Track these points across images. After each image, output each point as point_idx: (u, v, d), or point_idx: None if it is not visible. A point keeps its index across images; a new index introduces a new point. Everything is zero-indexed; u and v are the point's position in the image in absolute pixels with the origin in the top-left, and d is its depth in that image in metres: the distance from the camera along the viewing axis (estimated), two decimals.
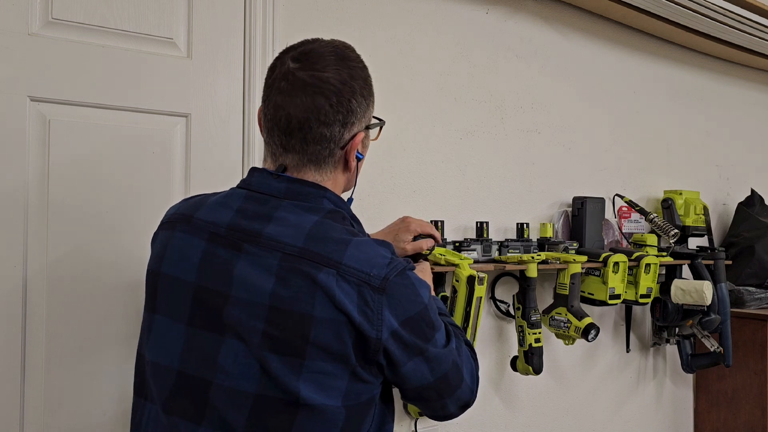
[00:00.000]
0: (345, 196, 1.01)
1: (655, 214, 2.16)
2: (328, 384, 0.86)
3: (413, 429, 1.74)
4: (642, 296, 2.01)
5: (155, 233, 1.00)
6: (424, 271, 1.27)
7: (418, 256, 1.35)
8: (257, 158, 1.49)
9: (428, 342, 0.91)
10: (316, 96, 0.89)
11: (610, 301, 1.92)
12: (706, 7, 2.12)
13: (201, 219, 0.93)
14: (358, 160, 0.98)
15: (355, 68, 0.94)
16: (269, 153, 0.96)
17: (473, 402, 1.01)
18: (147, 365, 0.95)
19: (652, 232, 2.21)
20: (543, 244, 1.88)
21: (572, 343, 1.88)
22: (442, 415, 1.00)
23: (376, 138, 1.03)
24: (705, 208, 2.33)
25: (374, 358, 0.87)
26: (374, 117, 1.01)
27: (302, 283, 0.85)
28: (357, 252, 0.87)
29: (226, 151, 1.48)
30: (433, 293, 1.20)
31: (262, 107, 0.96)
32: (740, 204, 2.64)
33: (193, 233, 0.92)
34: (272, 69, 0.94)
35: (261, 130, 0.98)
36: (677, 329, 2.28)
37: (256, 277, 0.86)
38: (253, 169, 0.98)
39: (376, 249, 0.89)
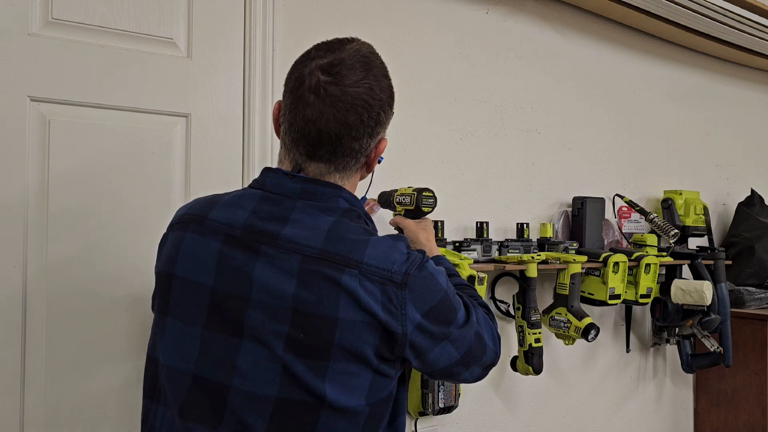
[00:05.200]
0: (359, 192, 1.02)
1: (655, 214, 2.16)
2: (353, 384, 0.86)
3: (413, 429, 1.74)
4: (642, 296, 2.01)
5: (165, 235, 0.98)
6: (427, 228, 1.34)
7: (420, 213, 1.39)
8: (257, 158, 1.49)
9: (451, 325, 0.92)
10: (348, 113, 0.89)
11: (610, 301, 1.92)
12: (706, 7, 2.12)
13: (214, 220, 0.91)
14: (379, 162, 0.99)
15: (382, 78, 0.93)
16: (288, 156, 0.95)
17: (498, 361, 1.04)
18: (161, 369, 0.92)
19: (652, 232, 2.21)
20: (543, 244, 1.88)
21: (572, 343, 1.88)
22: (471, 380, 1.02)
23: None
24: (705, 208, 2.33)
25: (401, 353, 0.88)
26: None
27: (325, 286, 0.84)
28: (376, 250, 0.87)
29: (226, 151, 1.47)
30: (433, 244, 1.31)
31: (284, 111, 0.94)
32: (740, 204, 2.64)
33: (207, 234, 0.91)
34: (300, 78, 0.91)
35: (276, 130, 0.97)
36: (677, 329, 2.28)
37: (276, 280, 0.85)
38: (267, 169, 0.96)
39: (393, 245, 0.90)
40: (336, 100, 0.88)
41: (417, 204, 1.38)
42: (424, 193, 1.38)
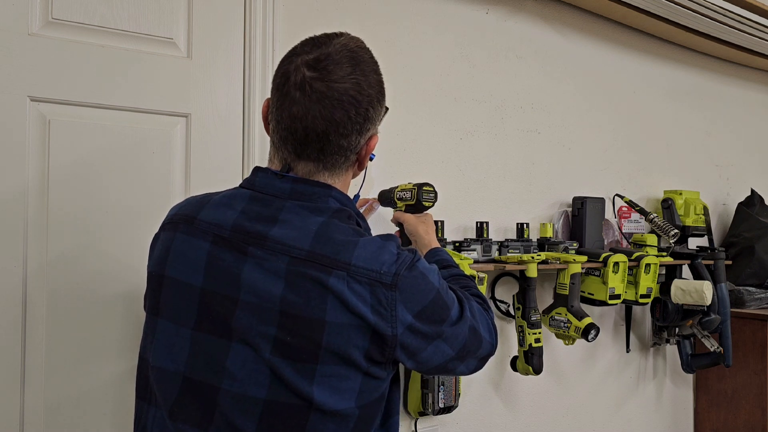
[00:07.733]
0: (352, 190, 1.00)
1: (655, 214, 2.16)
2: (341, 386, 0.85)
3: (413, 429, 1.73)
4: (642, 296, 2.01)
5: (156, 234, 0.98)
6: (426, 221, 1.36)
7: (421, 207, 1.41)
8: (257, 158, 1.49)
9: (443, 323, 0.90)
10: (335, 109, 0.87)
11: (610, 301, 1.92)
12: (706, 7, 2.12)
13: (204, 220, 0.90)
14: (370, 159, 0.97)
15: (371, 73, 0.91)
16: (277, 155, 0.93)
17: (495, 351, 1.03)
18: (151, 370, 0.92)
19: (652, 232, 2.21)
20: (543, 244, 1.88)
21: (572, 343, 1.88)
22: (468, 372, 1.01)
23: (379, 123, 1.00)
24: (705, 208, 2.33)
25: (391, 355, 0.87)
26: None
27: (312, 288, 0.83)
28: (365, 251, 0.85)
29: (226, 151, 1.48)
30: (433, 236, 1.32)
31: (271, 109, 0.92)
32: (740, 204, 2.64)
33: (196, 235, 0.90)
34: (285, 74, 0.89)
35: (266, 128, 0.96)
36: (677, 329, 2.28)
37: (264, 281, 0.84)
38: (257, 169, 0.95)
39: (383, 245, 0.88)
40: (322, 96, 0.86)
41: (418, 198, 1.39)
42: (424, 188, 1.40)
